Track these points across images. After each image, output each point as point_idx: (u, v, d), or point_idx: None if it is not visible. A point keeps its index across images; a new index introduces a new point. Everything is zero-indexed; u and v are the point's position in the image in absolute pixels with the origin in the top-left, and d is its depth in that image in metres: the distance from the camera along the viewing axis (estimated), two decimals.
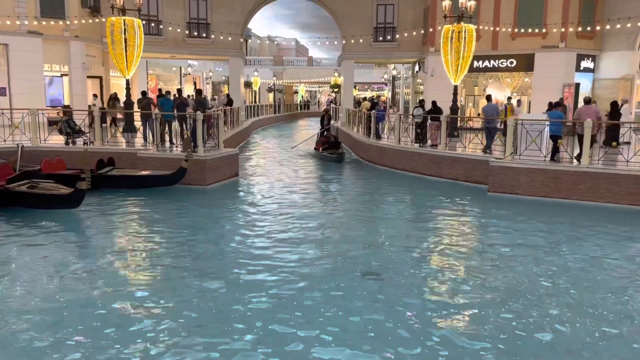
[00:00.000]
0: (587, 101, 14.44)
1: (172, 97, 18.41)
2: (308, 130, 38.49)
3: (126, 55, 18.08)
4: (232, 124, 23.56)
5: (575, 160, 12.93)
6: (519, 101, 21.32)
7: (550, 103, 16.19)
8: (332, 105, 43.50)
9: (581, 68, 24.79)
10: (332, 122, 24.87)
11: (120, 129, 19.06)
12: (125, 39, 17.91)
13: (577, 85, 24.70)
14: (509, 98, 20.89)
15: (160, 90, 23.77)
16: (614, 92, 24.64)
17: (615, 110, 17.30)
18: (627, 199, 11.87)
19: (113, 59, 18.78)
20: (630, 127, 15.64)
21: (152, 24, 27.31)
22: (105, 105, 22.56)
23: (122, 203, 11.94)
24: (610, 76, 24.85)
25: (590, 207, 11.95)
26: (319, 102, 74.91)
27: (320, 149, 21.01)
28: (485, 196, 13.24)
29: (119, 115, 21.45)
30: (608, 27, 23.21)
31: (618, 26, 22.53)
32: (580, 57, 24.60)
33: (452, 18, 18.63)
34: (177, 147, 15.11)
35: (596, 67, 25.31)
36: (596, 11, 24.25)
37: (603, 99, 24.40)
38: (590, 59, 25.05)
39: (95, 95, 24.10)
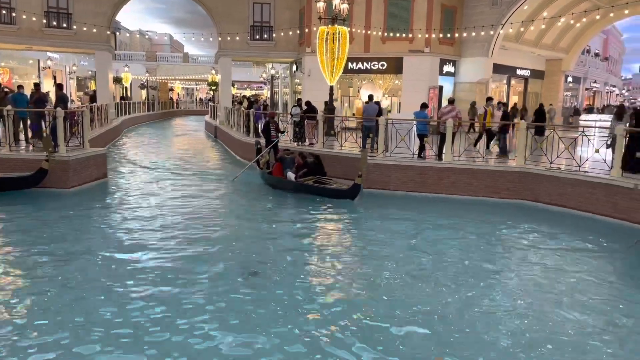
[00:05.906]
0: (451, 102, 15.57)
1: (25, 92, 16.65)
2: (191, 133, 37.05)
3: None
4: (99, 122, 22.01)
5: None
6: (499, 103, 18.20)
7: (422, 104, 16.99)
8: (211, 103, 42.52)
9: (444, 72, 26.83)
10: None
11: None
12: None
13: (441, 88, 26.71)
14: (489, 99, 18.07)
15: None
16: (471, 94, 27.03)
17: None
18: (483, 191, 13.08)
19: None
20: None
21: (4, 12, 24.52)
22: None
23: None
24: (469, 80, 27.23)
25: (452, 200, 12.97)
26: (197, 99, 72.88)
27: (294, 176, 14.05)
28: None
29: None
30: (465, 34, 25.40)
31: (473, 34, 24.75)
32: (443, 62, 26.61)
33: (326, 20, 19.06)
34: (33, 146, 13.71)
35: (456, 71, 27.57)
36: (455, 19, 26.38)
37: (463, 100, 26.62)
38: (451, 63, 27.21)
39: None
